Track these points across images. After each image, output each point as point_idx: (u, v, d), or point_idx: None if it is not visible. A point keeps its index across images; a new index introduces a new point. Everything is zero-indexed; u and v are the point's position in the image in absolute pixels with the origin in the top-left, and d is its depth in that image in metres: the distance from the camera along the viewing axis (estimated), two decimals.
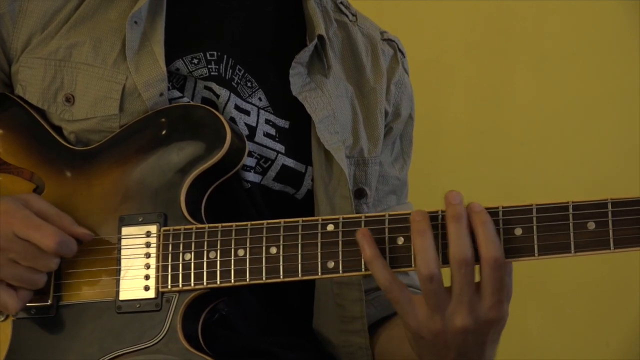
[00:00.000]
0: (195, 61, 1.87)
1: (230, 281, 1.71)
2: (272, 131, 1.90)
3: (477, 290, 1.59)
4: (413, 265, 1.64)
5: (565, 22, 3.15)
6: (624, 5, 3.11)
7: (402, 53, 2.07)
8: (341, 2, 2.04)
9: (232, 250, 1.72)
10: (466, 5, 3.15)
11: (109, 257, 1.77)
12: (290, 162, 1.90)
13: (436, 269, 1.58)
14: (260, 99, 1.90)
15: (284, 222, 1.71)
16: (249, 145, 1.86)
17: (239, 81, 1.89)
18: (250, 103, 1.89)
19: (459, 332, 1.60)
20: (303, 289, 1.91)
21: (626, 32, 3.12)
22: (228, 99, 1.87)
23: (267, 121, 1.89)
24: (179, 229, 1.75)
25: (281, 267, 1.70)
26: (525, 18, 3.16)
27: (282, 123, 1.91)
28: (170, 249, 1.75)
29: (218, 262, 1.72)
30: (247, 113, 1.88)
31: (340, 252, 1.68)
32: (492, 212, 1.63)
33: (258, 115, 1.89)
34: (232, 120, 1.86)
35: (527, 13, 3.16)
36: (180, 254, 1.74)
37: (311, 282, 1.90)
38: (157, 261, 1.75)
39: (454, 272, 1.58)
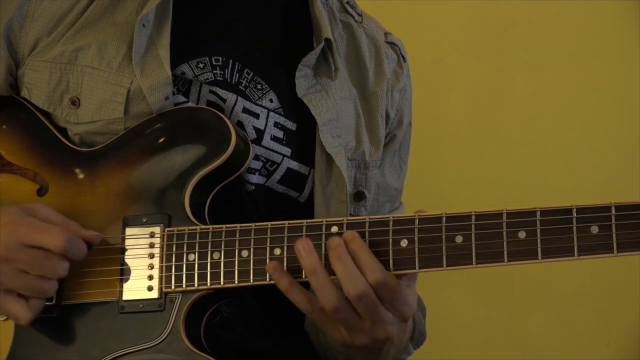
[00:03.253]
0: (201, 65, 1.88)
1: (234, 282, 1.72)
2: (280, 134, 1.90)
3: (382, 303, 1.65)
4: (417, 267, 1.66)
5: (566, 23, 3.16)
6: (624, 5, 3.11)
7: (404, 58, 2.07)
8: (347, 2, 2.04)
9: (236, 251, 1.72)
10: (467, 6, 3.15)
11: (112, 258, 1.77)
12: (294, 165, 1.90)
13: (336, 300, 1.64)
14: (271, 100, 1.90)
15: (288, 224, 1.71)
16: (256, 149, 1.87)
17: (247, 84, 1.89)
18: (260, 105, 1.90)
19: (384, 341, 1.69)
20: None
21: (626, 32, 3.12)
22: (235, 103, 1.87)
23: (276, 124, 1.90)
24: (183, 230, 1.75)
25: (285, 268, 1.70)
26: (525, 18, 3.17)
27: (290, 125, 1.91)
28: (174, 249, 1.75)
29: (222, 263, 1.73)
30: (256, 116, 1.88)
31: None
32: (496, 215, 1.63)
33: (267, 118, 1.89)
34: (239, 123, 1.87)
35: (527, 13, 3.17)
36: (184, 255, 1.74)
37: (308, 285, 1.91)
38: (161, 262, 1.75)
39: (356, 305, 1.65)
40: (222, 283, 1.72)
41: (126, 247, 1.77)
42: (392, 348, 1.75)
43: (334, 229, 1.69)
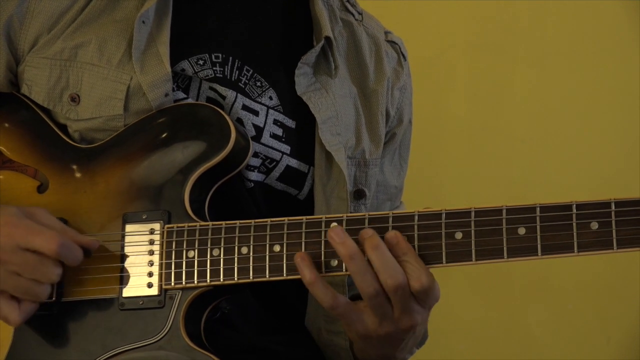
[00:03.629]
0: (201, 62, 1.88)
1: (234, 278, 1.72)
2: (279, 132, 1.90)
3: (412, 295, 1.66)
4: None
5: (566, 21, 3.16)
6: (624, 5, 3.12)
7: (404, 56, 2.07)
8: (347, 0, 2.04)
9: (236, 248, 1.72)
10: (467, 3, 3.15)
11: (112, 254, 1.77)
12: (294, 163, 1.90)
13: (377, 284, 1.64)
14: (270, 98, 1.90)
15: (288, 220, 1.71)
16: (256, 146, 1.87)
17: (247, 81, 1.89)
18: (260, 103, 1.90)
19: (408, 330, 1.69)
20: (302, 288, 1.92)
21: (626, 31, 3.12)
22: (235, 100, 1.87)
23: (276, 121, 1.90)
24: (183, 227, 1.75)
25: (284, 265, 1.70)
26: (525, 16, 3.17)
27: (290, 123, 1.91)
28: (173, 246, 1.75)
29: (221, 260, 1.72)
30: (256, 113, 1.88)
31: None
32: (496, 212, 1.63)
33: (266, 116, 1.89)
34: (239, 120, 1.87)
35: (527, 11, 3.17)
36: (184, 252, 1.74)
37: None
38: (161, 258, 1.75)
39: (391, 295, 1.65)
40: (221, 280, 1.72)
41: (126, 244, 1.77)
42: (411, 340, 1.76)
43: (334, 225, 1.69)
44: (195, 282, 1.73)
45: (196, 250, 1.74)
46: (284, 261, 1.70)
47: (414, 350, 1.89)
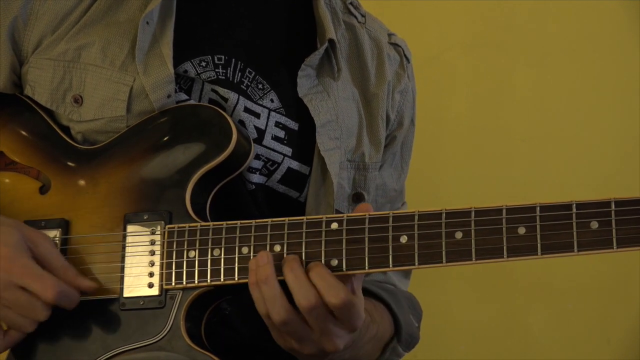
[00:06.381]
0: (204, 64, 1.88)
1: (234, 279, 1.72)
2: (281, 134, 1.90)
3: (333, 316, 1.65)
4: (416, 263, 1.66)
5: (566, 20, 3.16)
6: (624, 5, 3.12)
7: (407, 59, 2.07)
8: (350, 3, 2.04)
9: (237, 248, 1.72)
10: (467, 3, 3.16)
11: (113, 255, 1.78)
12: (295, 165, 1.91)
13: (286, 313, 1.64)
14: (272, 100, 1.90)
15: (288, 220, 1.71)
16: (257, 149, 1.87)
17: (249, 84, 1.89)
18: (261, 105, 1.90)
19: (331, 352, 1.68)
20: None
21: (626, 31, 3.13)
22: (237, 102, 1.87)
23: (277, 123, 1.90)
24: (184, 227, 1.75)
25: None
26: (526, 15, 3.17)
27: (292, 125, 1.91)
28: (174, 246, 1.75)
29: (222, 260, 1.73)
30: (257, 115, 1.88)
31: (344, 250, 1.68)
32: (496, 211, 1.63)
33: (268, 118, 1.89)
34: (241, 122, 1.87)
35: (527, 10, 3.17)
36: (185, 252, 1.75)
37: None
38: (162, 258, 1.76)
39: (307, 316, 1.64)
40: (222, 280, 1.72)
41: (127, 244, 1.77)
42: (348, 351, 1.75)
43: (334, 225, 1.69)
44: (196, 282, 1.73)
45: (197, 251, 1.74)
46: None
47: (401, 352, 1.90)
